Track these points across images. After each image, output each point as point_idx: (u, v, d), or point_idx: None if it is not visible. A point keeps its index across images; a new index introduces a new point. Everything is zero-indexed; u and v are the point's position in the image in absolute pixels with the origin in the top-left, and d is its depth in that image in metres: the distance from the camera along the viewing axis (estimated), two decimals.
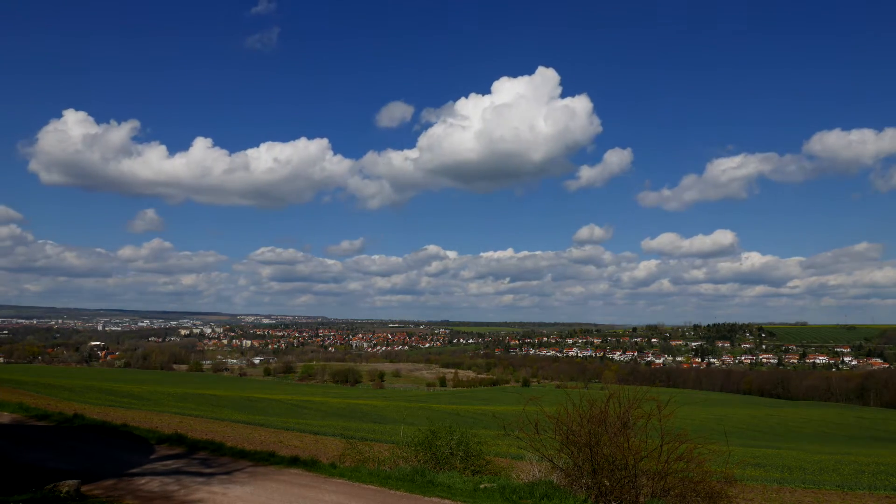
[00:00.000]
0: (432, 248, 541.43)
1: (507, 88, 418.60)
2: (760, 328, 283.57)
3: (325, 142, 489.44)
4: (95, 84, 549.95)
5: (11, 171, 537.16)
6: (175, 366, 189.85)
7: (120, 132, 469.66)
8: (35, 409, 19.84)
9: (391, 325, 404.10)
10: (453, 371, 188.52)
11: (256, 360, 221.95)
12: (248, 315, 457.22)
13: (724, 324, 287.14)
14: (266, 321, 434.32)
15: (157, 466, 11.83)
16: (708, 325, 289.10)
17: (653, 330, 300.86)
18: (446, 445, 13.01)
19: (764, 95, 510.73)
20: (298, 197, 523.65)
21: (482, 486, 10.80)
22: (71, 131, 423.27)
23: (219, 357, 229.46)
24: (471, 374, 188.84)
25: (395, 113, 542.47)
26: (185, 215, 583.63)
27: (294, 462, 12.67)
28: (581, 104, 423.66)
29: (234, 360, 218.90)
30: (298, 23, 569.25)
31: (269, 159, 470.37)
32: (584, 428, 10.42)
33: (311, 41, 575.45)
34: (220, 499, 9.52)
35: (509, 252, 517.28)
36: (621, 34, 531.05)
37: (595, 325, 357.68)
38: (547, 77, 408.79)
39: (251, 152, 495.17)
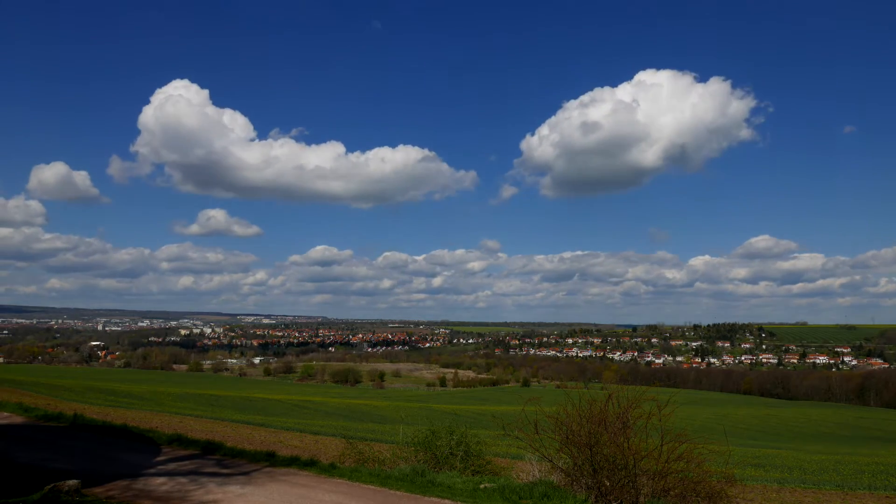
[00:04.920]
0: (491, 247, 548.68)
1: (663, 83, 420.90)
2: (760, 328, 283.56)
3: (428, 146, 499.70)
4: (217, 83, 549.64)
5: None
6: (175, 366, 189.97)
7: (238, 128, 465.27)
8: (35, 410, 19.83)
9: (391, 325, 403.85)
10: (453, 371, 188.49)
11: (256, 360, 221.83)
12: (248, 315, 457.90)
13: (723, 324, 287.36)
14: (266, 321, 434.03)
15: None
16: (708, 325, 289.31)
17: (653, 330, 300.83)
18: (446, 445, 13.01)
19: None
20: (401, 197, 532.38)
21: (482, 486, 10.80)
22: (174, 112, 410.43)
23: (219, 357, 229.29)
24: (471, 374, 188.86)
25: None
26: (272, 215, 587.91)
27: (294, 462, 12.69)
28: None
29: (234, 360, 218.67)
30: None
31: (379, 161, 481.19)
32: (584, 428, 10.42)
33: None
34: (222, 497, 9.64)
35: (570, 253, 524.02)
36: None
37: (595, 325, 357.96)
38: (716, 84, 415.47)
39: (370, 153, 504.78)
